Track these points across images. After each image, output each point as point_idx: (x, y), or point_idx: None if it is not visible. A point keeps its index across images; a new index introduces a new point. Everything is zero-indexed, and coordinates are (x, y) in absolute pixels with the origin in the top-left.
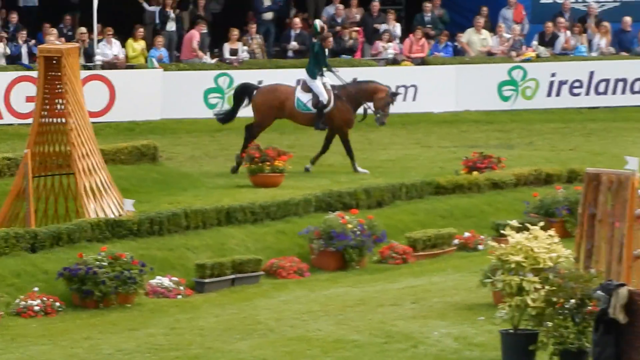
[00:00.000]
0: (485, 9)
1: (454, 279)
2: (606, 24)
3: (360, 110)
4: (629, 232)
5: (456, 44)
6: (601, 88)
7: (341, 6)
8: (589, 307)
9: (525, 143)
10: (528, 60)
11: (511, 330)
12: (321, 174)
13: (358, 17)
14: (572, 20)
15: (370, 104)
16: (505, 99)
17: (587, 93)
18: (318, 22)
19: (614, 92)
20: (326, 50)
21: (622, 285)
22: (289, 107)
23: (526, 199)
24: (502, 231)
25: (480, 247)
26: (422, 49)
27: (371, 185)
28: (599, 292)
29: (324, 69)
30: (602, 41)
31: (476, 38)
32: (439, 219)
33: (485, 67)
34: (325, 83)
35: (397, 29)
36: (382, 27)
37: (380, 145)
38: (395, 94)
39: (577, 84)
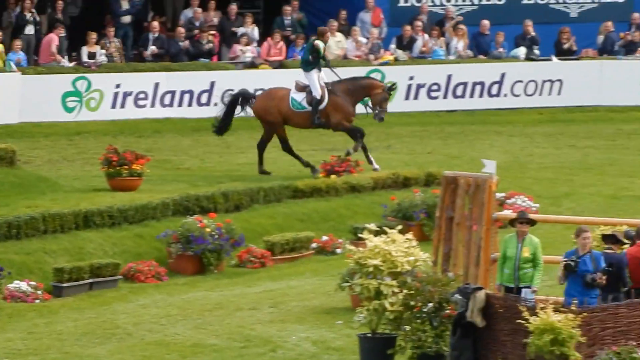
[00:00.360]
0: (344, 13)
1: (312, 282)
2: (463, 27)
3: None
4: (486, 235)
5: None
6: (459, 91)
7: (199, 9)
8: (447, 311)
9: (383, 146)
10: (386, 63)
11: (369, 334)
12: (179, 177)
13: (216, 20)
14: (430, 24)
15: (368, 101)
16: None
17: (445, 96)
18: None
19: (471, 96)
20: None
21: (480, 288)
22: (285, 108)
23: (384, 203)
24: (360, 235)
25: (339, 250)
26: (281, 52)
27: (229, 188)
28: (456, 295)
29: (323, 63)
30: (459, 44)
31: (332, 42)
32: (297, 222)
33: (342, 70)
34: (320, 78)
35: (255, 32)
36: (240, 30)
37: (239, 149)
38: (391, 89)
39: (435, 87)
